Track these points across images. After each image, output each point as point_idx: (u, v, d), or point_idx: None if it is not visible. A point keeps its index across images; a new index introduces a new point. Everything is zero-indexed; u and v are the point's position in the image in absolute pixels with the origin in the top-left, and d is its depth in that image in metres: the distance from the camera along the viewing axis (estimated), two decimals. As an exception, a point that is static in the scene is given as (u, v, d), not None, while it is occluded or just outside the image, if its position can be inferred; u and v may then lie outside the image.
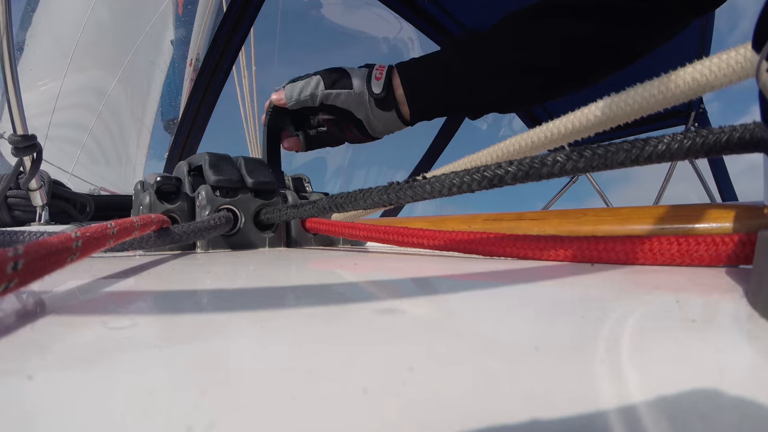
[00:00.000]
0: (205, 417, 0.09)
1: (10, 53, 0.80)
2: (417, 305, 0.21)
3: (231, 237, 0.57)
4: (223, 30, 1.55)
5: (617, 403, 0.10)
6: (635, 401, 0.10)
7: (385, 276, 0.32)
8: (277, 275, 0.33)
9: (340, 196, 0.45)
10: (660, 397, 0.10)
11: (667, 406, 0.09)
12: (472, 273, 0.31)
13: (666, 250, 0.30)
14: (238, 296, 0.24)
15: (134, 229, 0.36)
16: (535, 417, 0.09)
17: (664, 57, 1.76)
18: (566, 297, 0.22)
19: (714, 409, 0.09)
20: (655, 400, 0.10)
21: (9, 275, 0.16)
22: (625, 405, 0.10)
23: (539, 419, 0.09)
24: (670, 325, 0.15)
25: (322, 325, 0.17)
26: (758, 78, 0.19)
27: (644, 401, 0.10)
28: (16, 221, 0.98)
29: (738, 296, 0.19)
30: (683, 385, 0.10)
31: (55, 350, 0.14)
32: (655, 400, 0.10)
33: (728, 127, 0.28)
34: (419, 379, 0.11)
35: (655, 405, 0.09)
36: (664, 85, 0.35)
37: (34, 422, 0.09)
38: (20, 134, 0.83)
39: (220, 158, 0.60)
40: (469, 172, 0.34)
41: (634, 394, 0.10)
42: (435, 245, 0.42)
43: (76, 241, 0.23)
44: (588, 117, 0.39)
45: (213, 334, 0.16)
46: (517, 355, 0.13)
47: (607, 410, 0.09)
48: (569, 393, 0.10)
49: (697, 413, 0.09)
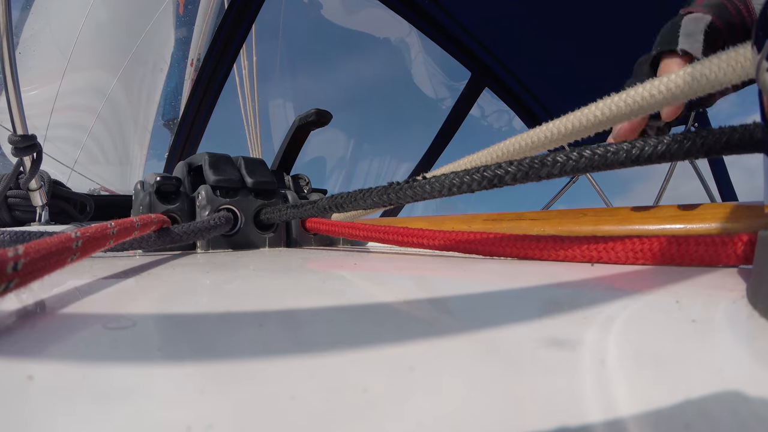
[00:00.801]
0: (205, 417, 0.09)
1: (10, 53, 0.80)
2: (417, 305, 0.21)
3: (231, 237, 0.57)
4: (223, 30, 1.55)
5: (618, 403, 0.10)
6: (635, 401, 0.10)
7: (385, 276, 0.32)
8: (278, 275, 0.33)
9: (340, 196, 0.45)
10: (660, 397, 0.10)
11: (667, 406, 0.09)
12: (472, 273, 0.31)
13: (666, 250, 0.30)
14: (237, 296, 0.24)
15: (134, 229, 0.36)
16: (534, 418, 0.09)
17: (664, 57, 1.71)
18: (566, 297, 0.22)
19: (714, 408, 0.09)
20: (656, 400, 0.10)
21: (9, 275, 0.16)
22: (626, 405, 0.10)
23: (539, 419, 0.09)
24: (670, 325, 0.15)
25: (322, 325, 0.17)
26: (758, 78, 0.19)
27: (644, 401, 0.10)
28: (16, 221, 0.98)
29: (738, 296, 0.19)
30: (683, 384, 0.10)
31: (55, 350, 0.14)
32: (656, 400, 0.10)
33: (728, 127, 0.28)
34: (419, 379, 0.11)
35: (656, 405, 0.09)
36: (664, 85, 0.35)
37: (34, 422, 0.09)
38: (20, 134, 0.83)
39: (220, 158, 0.60)
40: (469, 172, 0.34)
41: (634, 394, 0.10)
42: (435, 245, 0.42)
43: (76, 241, 0.23)
44: (588, 117, 0.39)
45: (212, 334, 0.16)
46: (518, 356, 0.13)
47: (607, 410, 0.09)
48: (570, 393, 0.10)
49: (698, 413, 0.09)
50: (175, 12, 3.12)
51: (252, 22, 1.59)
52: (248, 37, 1.82)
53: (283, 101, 4.28)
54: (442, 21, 1.89)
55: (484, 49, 2.09)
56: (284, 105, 4.28)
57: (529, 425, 0.09)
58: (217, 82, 1.61)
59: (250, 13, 1.55)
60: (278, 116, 3.89)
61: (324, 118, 0.77)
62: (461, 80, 2.21)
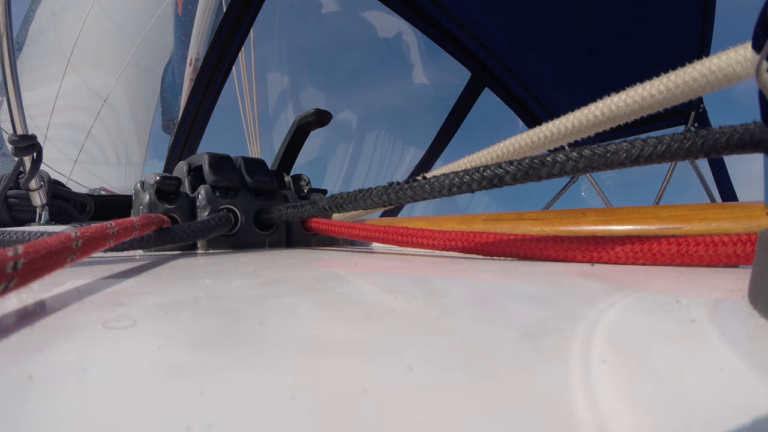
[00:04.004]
0: (204, 417, 0.09)
1: (10, 53, 0.80)
2: (417, 305, 0.21)
3: (231, 237, 0.57)
4: (223, 30, 1.55)
5: (618, 403, 0.10)
6: (635, 401, 0.10)
7: (385, 276, 0.32)
8: (277, 275, 0.33)
9: (340, 196, 0.45)
10: (661, 396, 0.10)
11: (667, 406, 0.09)
12: (472, 273, 0.31)
13: (666, 250, 0.30)
14: (237, 296, 0.24)
15: (134, 229, 0.36)
16: (533, 417, 0.09)
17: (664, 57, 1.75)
18: (567, 297, 0.22)
19: (714, 408, 0.09)
20: (656, 400, 0.10)
21: (9, 275, 0.16)
22: (626, 405, 0.10)
23: (538, 419, 0.09)
24: (670, 325, 0.15)
25: (322, 325, 0.17)
26: (758, 78, 0.19)
27: (644, 401, 0.10)
28: (16, 221, 0.98)
29: (738, 296, 0.19)
30: (684, 384, 0.10)
31: (55, 350, 0.14)
32: (656, 400, 0.10)
33: (728, 127, 0.28)
34: (419, 379, 0.11)
35: (656, 405, 0.09)
36: (664, 85, 0.35)
37: (34, 422, 0.09)
38: (20, 134, 0.83)
39: (220, 158, 0.60)
40: (469, 172, 0.34)
41: (634, 394, 0.10)
42: (435, 245, 0.42)
43: (76, 241, 0.23)
44: (588, 117, 0.39)
45: (212, 334, 0.16)
46: (517, 356, 0.13)
47: (607, 410, 0.09)
48: (570, 393, 0.10)
49: (698, 413, 0.09)
50: (174, 12, 3.12)
51: (252, 23, 1.59)
52: (248, 37, 1.82)
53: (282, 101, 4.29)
54: (442, 21, 1.89)
55: (484, 49, 2.10)
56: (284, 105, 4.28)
57: (528, 424, 0.09)
58: (217, 82, 1.61)
59: (250, 13, 1.55)
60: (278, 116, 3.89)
61: (324, 118, 0.77)
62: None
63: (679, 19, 1.76)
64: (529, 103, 2.40)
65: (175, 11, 3.11)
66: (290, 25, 4.61)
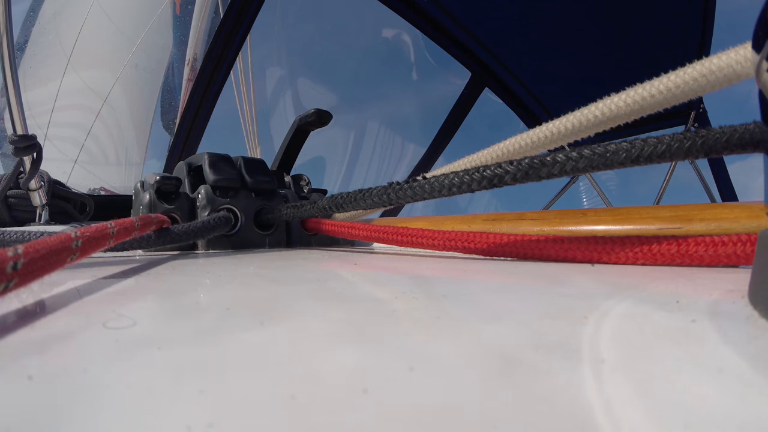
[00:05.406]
0: (204, 417, 0.09)
1: (10, 53, 0.80)
2: (417, 305, 0.21)
3: (231, 237, 0.57)
4: (223, 30, 1.55)
5: (618, 403, 0.10)
6: (635, 401, 0.10)
7: (385, 276, 0.32)
8: (278, 275, 0.33)
9: (340, 196, 0.45)
10: (661, 396, 0.10)
11: (668, 406, 0.09)
12: (472, 273, 0.31)
13: (666, 250, 0.30)
14: (237, 296, 0.24)
15: (134, 229, 0.36)
16: (534, 417, 0.09)
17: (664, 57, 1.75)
18: (567, 297, 0.22)
19: (714, 408, 0.09)
20: (656, 399, 0.10)
21: (9, 275, 0.16)
22: (626, 404, 0.10)
23: (539, 419, 0.09)
24: (670, 325, 0.15)
25: (322, 325, 0.17)
26: (758, 78, 0.19)
27: (644, 401, 0.10)
28: (16, 221, 0.98)
29: (738, 296, 0.19)
30: (683, 384, 0.10)
31: (55, 350, 0.14)
32: (656, 399, 0.10)
33: (728, 127, 0.28)
34: (419, 379, 0.11)
35: (656, 405, 0.09)
36: (664, 85, 0.35)
37: (34, 422, 0.09)
38: (20, 134, 0.83)
39: (220, 158, 0.60)
40: (469, 172, 0.34)
41: (634, 393, 0.10)
42: (435, 245, 0.42)
43: (76, 241, 0.23)
44: (588, 117, 0.39)
45: (212, 334, 0.16)
46: (517, 356, 0.13)
47: (607, 410, 0.09)
48: (570, 393, 0.10)
49: (698, 413, 0.09)
50: (172, 12, 3.12)
51: (251, 23, 1.59)
52: (247, 38, 1.82)
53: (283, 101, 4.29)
54: (442, 21, 1.89)
55: (484, 49, 2.09)
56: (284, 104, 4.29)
57: (529, 424, 0.09)
58: (217, 82, 1.61)
59: (249, 13, 1.55)
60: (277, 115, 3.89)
61: (324, 118, 0.77)
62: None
63: (679, 19, 1.76)
64: (529, 103, 2.40)
65: (174, 11, 3.11)
66: (290, 25, 4.62)
